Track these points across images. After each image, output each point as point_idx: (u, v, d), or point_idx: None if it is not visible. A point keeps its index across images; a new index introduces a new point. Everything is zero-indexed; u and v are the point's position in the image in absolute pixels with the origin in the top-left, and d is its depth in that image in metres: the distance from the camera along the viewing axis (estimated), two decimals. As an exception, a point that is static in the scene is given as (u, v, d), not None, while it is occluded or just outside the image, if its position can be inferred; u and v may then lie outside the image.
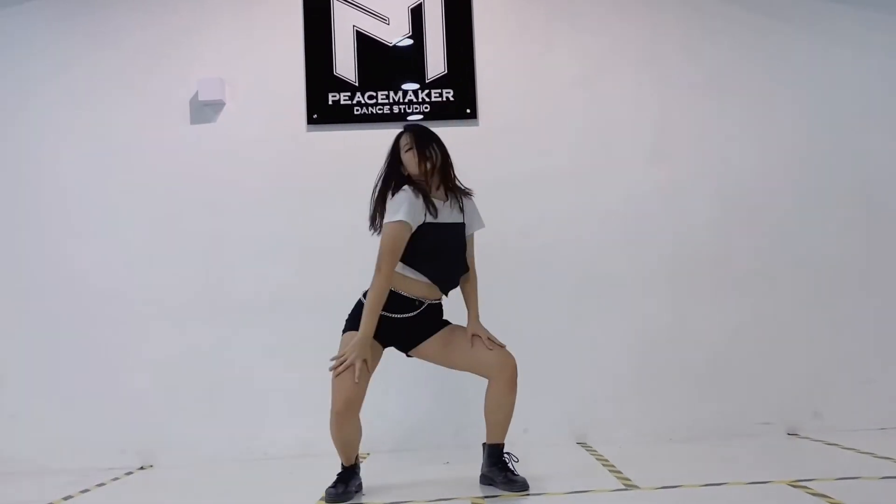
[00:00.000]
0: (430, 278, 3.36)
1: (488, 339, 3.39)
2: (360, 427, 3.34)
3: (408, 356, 3.49)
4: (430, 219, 3.31)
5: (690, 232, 4.64)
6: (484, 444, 3.48)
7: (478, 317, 3.48)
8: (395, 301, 3.33)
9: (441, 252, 3.37)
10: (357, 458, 3.43)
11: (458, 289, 3.51)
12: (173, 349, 4.50)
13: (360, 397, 3.25)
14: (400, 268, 3.32)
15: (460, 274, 3.46)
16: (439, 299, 3.45)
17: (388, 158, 3.46)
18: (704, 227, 4.65)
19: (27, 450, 4.39)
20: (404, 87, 4.69)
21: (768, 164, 4.70)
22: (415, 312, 3.37)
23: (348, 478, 3.37)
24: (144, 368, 4.48)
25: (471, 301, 3.51)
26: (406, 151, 3.39)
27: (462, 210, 3.45)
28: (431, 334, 3.40)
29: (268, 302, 4.54)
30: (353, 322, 3.37)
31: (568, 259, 4.62)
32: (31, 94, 4.65)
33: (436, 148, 3.40)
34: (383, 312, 3.29)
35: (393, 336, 3.40)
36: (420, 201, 3.30)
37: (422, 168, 3.35)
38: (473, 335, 3.39)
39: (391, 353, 3.50)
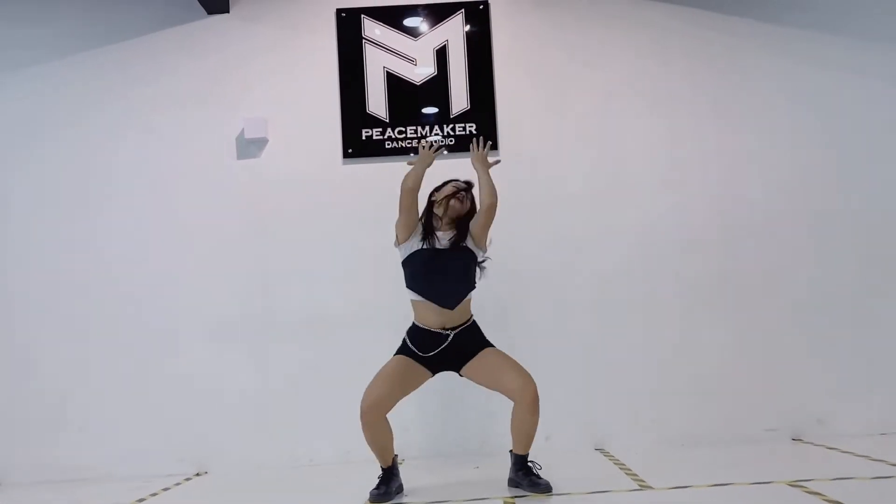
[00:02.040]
0: (428, 298, 3.73)
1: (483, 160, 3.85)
2: (389, 430, 3.72)
3: (460, 376, 3.83)
4: (426, 245, 3.75)
5: (699, 252, 4.96)
6: (511, 452, 3.82)
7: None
8: (425, 338, 3.74)
9: (436, 273, 3.73)
10: (394, 459, 3.79)
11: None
12: (225, 366, 4.87)
13: (386, 403, 3.65)
14: (413, 296, 3.78)
15: (460, 291, 3.77)
16: (461, 324, 3.77)
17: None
18: (711, 247, 4.96)
19: (95, 459, 4.79)
20: (430, 121, 5.06)
21: (771, 189, 5.00)
22: (445, 343, 3.72)
23: (389, 479, 3.73)
24: (199, 384, 4.86)
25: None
26: (452, 190, 3.83)
27: (462, 236, 3.81)
28: (473, 355, 3.74)
29: (308, 321, 4.90)
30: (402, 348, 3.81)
31: (584, 279, 4.94)
32: (95, 141, 5.05)
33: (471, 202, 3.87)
34: (421, 354, 3.72)
35: (440, 365, 3.78)
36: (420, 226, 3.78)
37: (450, 214, 3.80)
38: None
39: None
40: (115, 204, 5.01)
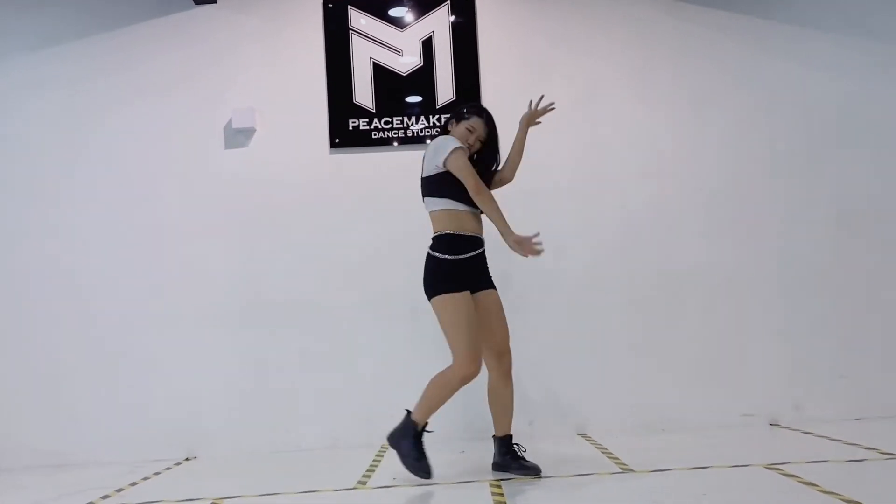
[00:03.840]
0: (469, 205, 3.73)
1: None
2: None
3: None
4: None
5: (679, 241, 5.05)
6: (494, 437, 3.89)
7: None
8: (462, 243, 3.73)
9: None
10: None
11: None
12: (214, 352, 4.93)
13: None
14: (454, 206, 3.73)
15: None
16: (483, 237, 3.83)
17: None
18: (692, 236, 5.05)
19: (85, 444, 4.85)
20: (416, 112, 5.11)
21: (750, 179, 5.09)
22: (480, 250, 3.78)
23: (421, 442, 3.74)
24: (188, 370, 4.91)
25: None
26: (467, 129, 3.82)
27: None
28: (488, 286, 3.80)
29: (296, 308, 4.96)
30: (440, 284, 3.67)
31: (568, 268, 5.01)
32: (82, 130, 5.07)
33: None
34: (457, 256, 3.69)
35: (470, 279, 3.74)
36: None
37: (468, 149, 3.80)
38: None
39: (402, 354, 4.15)
40: (102, 193, 5.04)
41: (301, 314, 4.96)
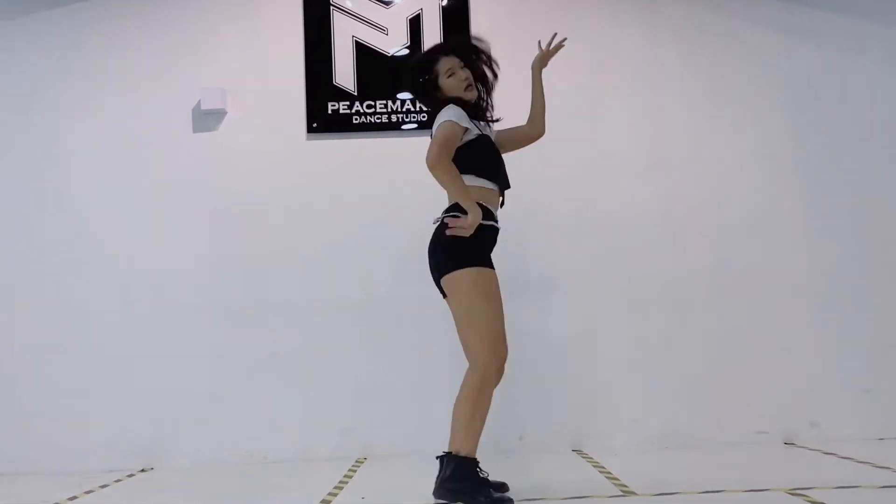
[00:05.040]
0: (497, 184, 3.36)
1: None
2: None
3: None
4: (485, 131, 3.35)
5: (686, 241, 4.70)
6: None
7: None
8: (488, 212, 3.28)
9: (499, 158, 3.40)
10: None
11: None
12: (175, 354, 4.56)
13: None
14: (476, 182, 3.29)
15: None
16: None
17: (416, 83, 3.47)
18: (700, 236, 4.71)
19: (34, 451, 4.47)
20: (402, 96, 4.75)
21: (762, 176, 4.76)
22: (498, 225, 3.35)
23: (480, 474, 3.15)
24: (147, 373, 4.55)
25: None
26: (449, 76, 3.39)
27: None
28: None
29: (267, 307, 4.61)
30: (467, 254, 3.18)
31: (565, 268, 4.68)
32: (40, 101, 4.74)
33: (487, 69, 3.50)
34: (489, 222, 3.23)
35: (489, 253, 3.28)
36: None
37: (470, 95, 3.39)
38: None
39: (382, 359, 3.93)
40: (55, 182, 4.69)
41: (272, 314, 4.59)
